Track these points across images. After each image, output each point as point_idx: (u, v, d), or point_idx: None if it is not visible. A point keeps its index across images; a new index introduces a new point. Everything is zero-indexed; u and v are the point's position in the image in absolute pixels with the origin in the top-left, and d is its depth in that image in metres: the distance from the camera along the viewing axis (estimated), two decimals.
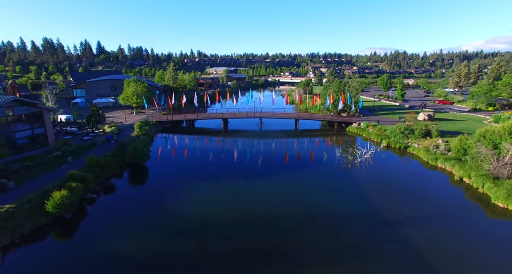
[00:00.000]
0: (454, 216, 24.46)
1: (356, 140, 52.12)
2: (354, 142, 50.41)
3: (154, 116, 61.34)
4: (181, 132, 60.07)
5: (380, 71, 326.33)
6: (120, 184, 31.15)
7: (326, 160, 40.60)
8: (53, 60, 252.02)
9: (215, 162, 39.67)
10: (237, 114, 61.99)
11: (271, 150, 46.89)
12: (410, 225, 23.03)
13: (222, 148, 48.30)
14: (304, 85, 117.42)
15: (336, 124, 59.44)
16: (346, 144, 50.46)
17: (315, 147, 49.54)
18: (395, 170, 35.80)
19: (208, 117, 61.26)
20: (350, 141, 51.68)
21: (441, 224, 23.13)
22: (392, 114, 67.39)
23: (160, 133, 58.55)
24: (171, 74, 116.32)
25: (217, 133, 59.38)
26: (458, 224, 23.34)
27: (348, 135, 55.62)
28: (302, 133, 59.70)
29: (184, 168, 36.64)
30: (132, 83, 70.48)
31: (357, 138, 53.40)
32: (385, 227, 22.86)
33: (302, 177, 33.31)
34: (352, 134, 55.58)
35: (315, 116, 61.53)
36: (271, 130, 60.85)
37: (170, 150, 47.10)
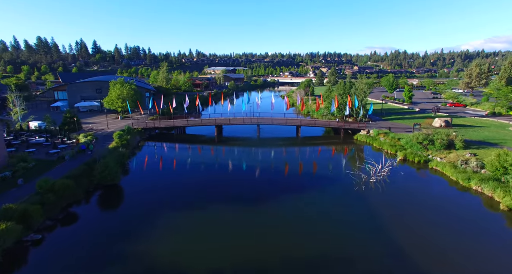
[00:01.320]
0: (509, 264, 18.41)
1: (365, 149, 46.06)
2: (363, 153, 44.35)
3: (140, 123, 55.16)
4: (170, 140, 53.91)
5: (381, 71, 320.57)
6: (80, 215, 24.88)
7: (333, 176, 34.43)
8: (47, 59, 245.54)
9: (205, 180, 33.51)
10: (231, 120, 55.86)
11: (270, 163, 40.84)
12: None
13: (214, 160, 42.18)
14: (305, 86, 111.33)
15: (342, 131, 53.32)
16: (355, 155, 44.37)
17: (320, 158, 43.44)
18: (418, 192, 29.61)
19: (199, 123, 55.10)
20: (359, 152, 45.60)
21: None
22: (402, 119, 61.31)
23: (147, 141, 52.42)
24: (164, 74, 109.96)
25: (210, 142, 53.29)
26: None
27: (355, 144, 49.55)
28: (304, 141, 53.64)
29: (167, 189, 30.49)
30: (118, 85, 64.28)
31: (366, 147, 47.33)
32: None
33: (306, 203, 27.19)
34: (360, 143, 49.50)
35: (319, 123, 55.41)
36: (269, 138, 54.79)
37: (154, 163, 40.93)
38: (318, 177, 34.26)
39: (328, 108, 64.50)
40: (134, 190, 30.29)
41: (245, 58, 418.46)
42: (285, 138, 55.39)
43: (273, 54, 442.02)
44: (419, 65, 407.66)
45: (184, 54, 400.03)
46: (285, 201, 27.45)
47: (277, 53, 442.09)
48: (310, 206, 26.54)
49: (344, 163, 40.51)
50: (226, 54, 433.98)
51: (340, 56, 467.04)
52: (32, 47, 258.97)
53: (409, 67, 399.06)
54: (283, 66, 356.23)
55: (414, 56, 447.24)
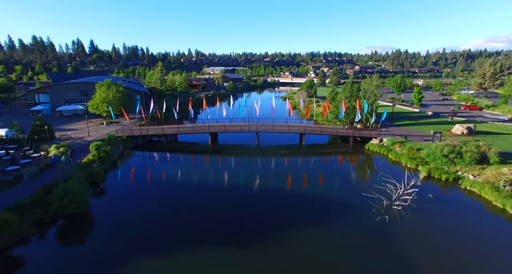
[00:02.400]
0: None
1: (379, 162, 40.28)
2: (378, 167, 38.60)
3: (126, 130, 49.42)
4: (159, 150, 48.17)
5: (383, 71, 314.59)
6: (23, 261, 19.25)
7: (346, 200, 28.64)
8: (41, 59, 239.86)
9: (195, 204, 27.80)
10: (228, 127, 50.13)
11: (270, 180, 35.06)
12: None
13: (207, 175, 36.37)
14: (307, 87, 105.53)
15: (351, 140, 47.58)
16: (369, 170, 38.59)
17: (328, 173, 37.55)
18: (457, 226, 23.69)
19: (191, 131, 49.31)
20: (373, 165, 39.81)
21: None
22: (417, 125, 55.53)
23: (133, 151, 46.73)
24: (159, 75, 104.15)
25: (203, 151, 47.59)
26: None
27: (367, 155, 43.85)
28: (308, 150, 47.91)
29: (148, 216, 24.84)
30: (103, 87, 58.60)
31: (380, 159, 41.52)
32: None
33: (314, 241, 21.50)
34: (372, 154, 43.78)
35: (325, 130, 49.55)
36: (270, 146, 49.11)
37: (137, 179, 35.17)
38: (328, 201, 28.41)
39: (335, 113, 58.81)
40: (106, 219, 24.55)
41: (245, 58, 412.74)
42: (287, 146, 49.75)
43: (273, 54, 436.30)
44: (421, 65, 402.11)
45: (183, 54, 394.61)
46: (287, 239, 21.68)
47: (277, 53, 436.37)
48: (320, 245, 20.83)
49: (357, 180, 34.65)
50: (226, 54, 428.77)
51: (340, 55, 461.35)
52: (27, 47, 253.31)
53: (411, 67, 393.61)
54: (283, 66, 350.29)
55: (415, 55, 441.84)
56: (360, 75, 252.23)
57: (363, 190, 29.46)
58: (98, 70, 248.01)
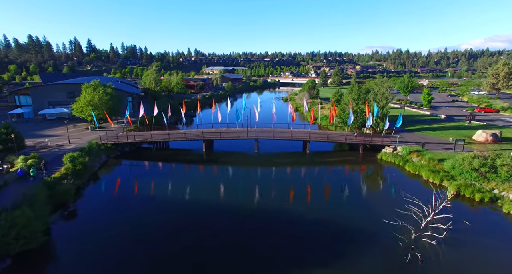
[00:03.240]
0: None
1: (396, 175, 35.46)
2: (396, 182, 33.76)
3: (110, 136, 44.54)
4: (147, 158, 43.32)
5: (385, 71, 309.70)
6: None
7: (362, 227, 23.79)
8: (37, 59, 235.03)
9: (182, 233, 23.01)
10: (223, 133, 45.28)
11: (270, 194, 30.38)
12: None
13: (199, 188, 31.70)
14: (309, 88, 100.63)
15: (361, 148, 42.71)
16: (386, 185, 33.64)
17: (336, 188, 32.71)
18: (509, 263, 19.03)
19: (183, 137, 44.38)
20: (390, 180, 34.89)
21: None
22: (432, 130, 50.60)
23: (118, 159, 41.94)
24: (153, 75, 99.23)
25: (197, 160, 42.78)
26: None
27: (380, 166, 39.03)
28: (313, 158, 43.06)
29: (124, 250, 20.05)
30: (89, 89, 53.79)
31: (395, 171, 36.65)
32: None
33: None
34: (386, 164, 38.93)
35: (332, 137, 44.55)
36: (270, 154, 44.37)
37: (118, 195, 30.34)
38: (339, 228, 23.48)
39: (341, 117, 53.93)
40: (69, 257, 19.74)
41: (245, 57, 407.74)
42: (290, 154, 44.98)
43: (273, 54, 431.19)
44: (422, 65, 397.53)
45: (183, 53, 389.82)
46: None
47: (277, 53, 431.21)
48: None
49: (373, 199, 29.65)
50: (226, 54, 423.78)
51: (341, 55, 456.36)
52: (23, 46, 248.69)
53: (413, 67, 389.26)
54: (284, 65, 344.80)
55: (417, 55, 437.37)
56: (361, 75, 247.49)
57: (382, 214, 24.63)
58: (95, 70, 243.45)
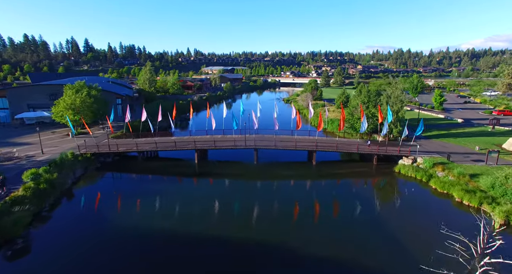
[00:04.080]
0: None
1: (418, 193, 30.28)
2: (417, 201, 28.56)
3: (90, 146, 39.32)
4: (132, 170, 38.13)
5: (387, 70, 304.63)
6: None
7: (386, 265, 18.60)
8: (32, 58, 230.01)
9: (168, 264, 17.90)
10: (218, 142, 40.04)
11: (270, 215, 25.49)
12: None
13: (190, 207, 27.14)
14: (312, 89, 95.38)
15: (375, 159, 37.46)
16: (409, 207, 28.31)
17: (349, 210, 27.54)
18: None
19: (173, 146, 39.10)
20: (411, 199, 29.70)
21: None
22: (452, 137, 45.33)
23: (99, 172, 36.78)
24: (147, 75, 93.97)
25: (188, 172, 37.66)
26: None
27: (397, 179, 33.86)
28: (320, 170, 37.88)
29: None
30: (70, 91, 48.68)
31: (417, 187, 31.49)
32: None
33: None
34: (404, 178, 33.72)
35: (342, 147, 39.16)
36: (271, 164, 39.34)
37: (90, 220, 25.08)
38: (356, 263, 18.35)
39: (350, 121, 48.79)
40: None
41: (245, 57, 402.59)
42: (294, 165, 39.83)
43: (273, 53, 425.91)
44: (425, 64, 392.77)
45: (182, 53, 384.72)
46: None
47: (277, 52, 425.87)
48: None
49: (398, 228, 24.15)
50: (226, 53, 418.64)
51: (342, 55, 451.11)
52: (17, 46, 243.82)
53: (415, 66, 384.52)
54: (284, 65, 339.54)
55: (418, 55, 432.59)
56: (363, 75, 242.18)
57: (413, 252, 19.44)
58: (91, 70, 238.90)
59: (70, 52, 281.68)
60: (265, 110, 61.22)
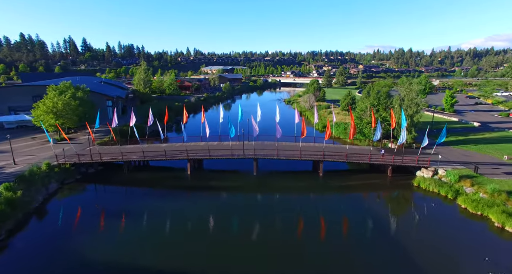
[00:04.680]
0: None
1: (442, 211, 26.07)
2: (445, 224, 24.34)
3: (69, 155, 35.13)
4: (117, 183, 33.93)
5: (388, 70, 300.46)
6: None
7: None
8: (28, 58, 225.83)
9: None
10: (213, 150, 35.82)
11: (271, 239, 21.63)
12: None
13: (180, 227, 23.64)
14: (314, 89, 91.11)
15: (390, 170, 33.24)
16: (435, 232, 24.02)
17: (361, 226, 23.64)
18: None
19: (162, 156, 34.83)
20: (437, 220, 25.45)
21: None
22: (472, 144, 41.04)
23: (78, 184, 32.60)
24: (142, 75, 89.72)
25: (180, 185, 33.45)
26: None
27: (416, 195, 29.69)
28: (327, 182, 33.66)
29: None
30: (52, 93, 44.58)
31: (441, 204, 27.32)
32: None
33: None
34: (425, 194, 29.51)
35: (353, 156, 34.72)
36: (272, 175, 35.34)
37: (60, 250, 20.90)
38: None
39: (358, 126, 44.58)
40: None
41: (245, 56, 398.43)
42: (297, 175, 35.76)
43: (273, 53, 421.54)
44: (426, 64, 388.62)
45: (181, 52, 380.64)
46: None
47: (277, 52, 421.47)
48: None
49: (421, 256, 19.89)
50: (226, 53, 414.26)
51: (342, 54, 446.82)
52: (14, 45, 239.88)
53: (417, 66, 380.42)
54: (284, 65, 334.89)
55: (420, 54, 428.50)
56: (365, 75, 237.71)
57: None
58: (89, 69, 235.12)
59: (67, 51, 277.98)
60: (266, 113, 56.82)
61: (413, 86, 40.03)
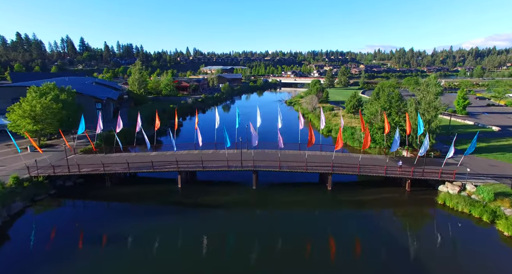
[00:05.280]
0: None
1: (473, 233, 21.96)
2: (475, 249, 20.21)
3: (43, 167, 31.02)
4: (97, 198, 29.78)
5: (390, 70, 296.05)
6: None
7: None
8: (24, 57, 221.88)
9: None
10: (207, 161, 31.55)
11: (275, 262, 17.60)
12: None
13: (167, 253, 19.33)
14: (317, 90, 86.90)
15: (408, 184, 29.10)
16: (464, 258, 19.92)
17: (376, 248, 19.87)
18: None
19: (149, 167, 30.65)
20: (466, 245, 21.38)
21: None
22: (497, 151, 36.79)
23: (50, 201, 28.51)
24: (136, 76, 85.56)
25: (169, 201, 29.36)
26: None
27: (442, 214, 25.61)
28: (336, 198, 29.60)
29: None
30: (30, 96, 40.51)
31: (467, 224, 23.26)
32: None
33: None
34: (450, 212, 25.41)
35: (366, 168, 30.54)
36: (274, 188, 31.36)
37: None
38: None
39: (374, 133, 40.29)
40: None
41: (245, 56, 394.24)
42: (302, 188, 31.67)
43: (273, 53, 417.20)
44: (428, 64, 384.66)
45: (181, 52, 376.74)
46: None
47: (277, 52, 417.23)
48: None
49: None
50: (226, 53, 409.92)
51: (343, 54, 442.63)
52: (9, 44, 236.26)
53: (418, 66, 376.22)
54: (285, 65, 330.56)
55: (421, 54, 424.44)
56: (366, 75, 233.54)
57: None
58: (86, 69, 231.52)
59: (65, 51, 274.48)
60: (267, 116, 52.60)
61: (430, 88, 35.83)
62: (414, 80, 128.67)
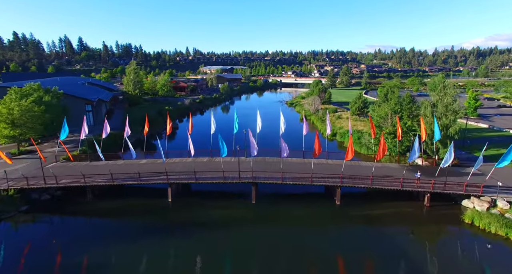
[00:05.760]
0: None
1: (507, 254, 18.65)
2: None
3: (14, 179, 27.64)
4: (76, 213, 26.49)
5: (391, 70, 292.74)
6: None
7: None
8: (21, 57, 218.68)
9: None
10: (201, 173, 28.06)
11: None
12: None
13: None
14: (319, 91, 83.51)
15: (427, 199, 25.69)
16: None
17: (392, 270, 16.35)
18: None
19: (135, 179, 27.29)
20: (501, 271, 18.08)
21: None
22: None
23: (25, 216, 25.17)
24: (131, 76, 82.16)
25: (158, 215, 26.07)
26: None
27: (468, 235, 22.28)
28: (345, 212, 26.38)
29: None
30: (13, 95, 37.20)
31: (501, 246, 19.94)
32: None
33: None
34: (478, 232, 22.08)
35: (380, 181, 27.19)
36: (275, 201, 28.06)
37: None
38: None
39: (377, 136, 36.92)
40: None
41: (245, 56, 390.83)
42: (307, 201, 28.49)
43: (273, 53, 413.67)
44: (429, 64, 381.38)
45: (180, 52, 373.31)
46: None
47: (278, 52, 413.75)
48: None
49: None
50: (225, 53, 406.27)
51: (343, 54, 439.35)
52: (6, 44, 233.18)
53: (420, 66, 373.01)
54: (285, 64, 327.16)
55: (422, 54, 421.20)
56: (368, 75, 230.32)
57: None
58: (84, 69, 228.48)
59: (63, 51, 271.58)
60: (267, 118, 49.10)
61: (448, 89, 32.42)
62: (419, 80, 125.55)
